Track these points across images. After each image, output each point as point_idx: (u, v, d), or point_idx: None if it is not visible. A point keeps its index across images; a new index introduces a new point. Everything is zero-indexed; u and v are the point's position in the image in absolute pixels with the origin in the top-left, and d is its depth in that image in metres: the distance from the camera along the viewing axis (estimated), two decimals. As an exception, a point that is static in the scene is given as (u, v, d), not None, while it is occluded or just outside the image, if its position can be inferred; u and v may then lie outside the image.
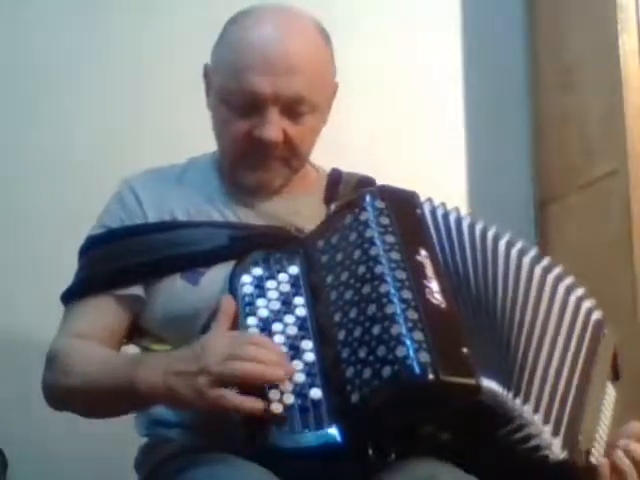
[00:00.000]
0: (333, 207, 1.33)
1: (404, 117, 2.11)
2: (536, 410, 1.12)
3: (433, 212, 1.26)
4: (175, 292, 1.30)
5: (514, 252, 1.28)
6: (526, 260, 1.28)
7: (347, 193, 1.40)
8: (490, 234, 1.28)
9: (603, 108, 1.89)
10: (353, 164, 1.50)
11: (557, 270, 1.29)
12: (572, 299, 1.28)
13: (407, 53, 2.14)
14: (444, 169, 2.11)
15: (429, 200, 1.27)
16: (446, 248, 1.21)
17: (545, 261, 1.29)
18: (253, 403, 1.10)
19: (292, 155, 1.35)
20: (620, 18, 1.82)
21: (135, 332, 1.37)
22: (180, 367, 1.14)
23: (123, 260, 1.35)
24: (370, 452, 1.09)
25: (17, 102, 1.98)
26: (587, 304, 1.28)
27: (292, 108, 1.31)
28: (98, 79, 2.00)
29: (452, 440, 1.12)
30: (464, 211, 1.30)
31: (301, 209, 1.38)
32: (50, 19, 2.01)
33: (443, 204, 1.28)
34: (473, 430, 1.11)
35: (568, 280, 1.29)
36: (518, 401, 1.11)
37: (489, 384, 1.07)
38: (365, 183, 1.44)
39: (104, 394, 1.23)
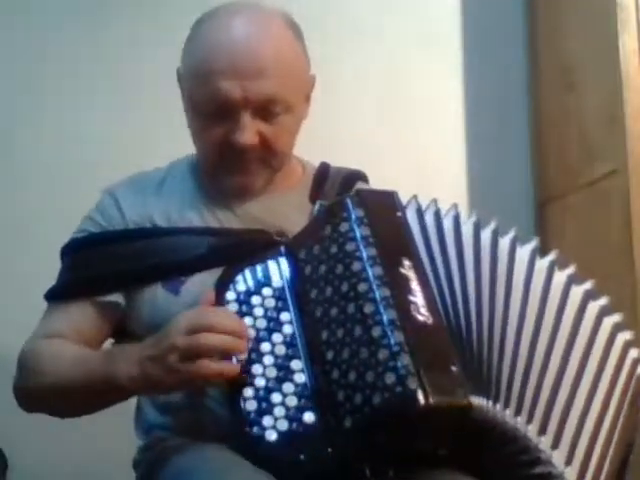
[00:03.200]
0: (316, 207, 1.30)
1: (404, 117, 2.11)
2: (555, 447, 1.12)
3: (419, 212, 1.21)
4: (157, 302, 1.30)
5: (542, 264, 1.22)
6: (561, 278, 1.22)
7: (333, 192, 1.38)
8: (506, 240, 1.23)
9: (603, 108, 1.89)
10: (353, 165, 1.50)
11: (603, 301, 1.23)
12: (619, 341, 1.22)
13: (407, 54, 2.14)
14: (444, 169, 2.11)
15: (414, 199, 1.23)
16: (434, 250, 1.18)
17: (587, 285, 1.23)
18: (225, 368, 1.12)
19: (270, 156, 1.33)
20: (620, 18, 1.82)
21: (125, 336, 1.36)
22: (150, 352, 1.15)
23: (102, 267, 1.34)
24: (367, 473, 1.08)
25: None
26: (634, 353, 1.22)
27: (265, 110, 1.28)
28: (97, 81, 2.01)
29: (449, 455, 1.11)
30: (464, 211, 1.27)
31: (284, 209, 1.37)
32: (46, 20, 2.01)
33: (434, 202, 1.24)
34: (470, 444, 1.11)
35: (616, 317, 1.23)
36: (508, 412, 1.09)
37: (479, 401, 1.06)
38: (352, 179, 1.42)
39: (80, 392, 1.23)
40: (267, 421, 1.11)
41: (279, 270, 1.22)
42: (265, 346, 1.16)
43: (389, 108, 2.11)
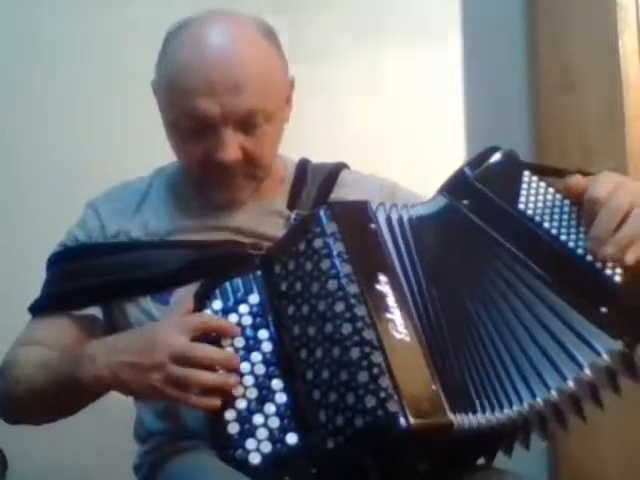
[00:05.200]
0: (292, 217, 1.31)
1: (403, 117, 2.11)
2: None
3: (389, 219, 1.19)
4: (148, 313, 1.29)
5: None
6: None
7: (311, 195, 1.37)
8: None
9: (603, 108, 1.89)
10: (353, 165, 1.50)
11: None
12: None
13: (407, 53, 2.15)
14: (444, 169, 2.10)
15: (382, 205, 1.21)
16: (405, 259, 1.16)
17: None
18: (207, 403, 1.11)
19: (255, 168, 1.31)
20: (620, 18, 1.82)
21: None
22: (129, 359, 1.13)
23: (78, 281, 1.33)
24: None
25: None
26: None
27: (245, 123, 1.25)
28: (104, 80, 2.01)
29: (431, 468, 1.10)
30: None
31: (269, 217, 1.35)
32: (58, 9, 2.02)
33: (395, 205, 1.21)
34: (453, 456, 1.11)
35: None
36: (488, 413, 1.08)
37: (460, 417, 1.05)
38: (332, 175, 1.41)
39: (48, 397, 1.22)
40: (250, 444, 1.11)
41: (255, 285, 1.20)
42: (245, 366, 1.15)
43: (389, 108, 2.11)
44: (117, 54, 2.02)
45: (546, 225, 1.15)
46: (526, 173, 1.20)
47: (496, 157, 1.24)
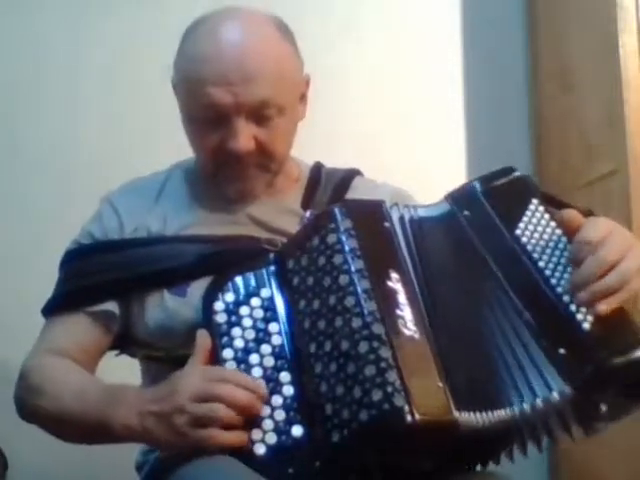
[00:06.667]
0: (306, 216, 1.32)
1: (403, 117, 2.11)
2: None
3: (402, 219, 1.21)
4: (165, 306, 1.30)
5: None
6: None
7: (325, 197, 1.39)
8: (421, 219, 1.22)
9: (603, 108, 1.89)
10: (352, 165, 1.50)
11: None
12: None
13: (407, 52, 2.15)
14: (444, 169, 2.11)
15: (396, 205, 1.23)
16: (416, 258, 1.18)
17: None
18: (234, 440, 1.11)
19: (268, 160, 1.33)
20: (620, 18, 1.82)
21: (130, 343, 1.37)
22: (154, 408, 1.14)
23: (94, 277, 1.34)
24: None
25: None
26: None
27: (257, 114, 1.28)
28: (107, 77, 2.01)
29: (435, 467, 1.11)
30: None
31: (283, 214, 1.37)
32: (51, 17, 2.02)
33: (407, 206, 1.24)
34: (457, 456, 1.11)
35: None
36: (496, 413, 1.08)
37: (467, 416, 1.05)
38: (346, 180, 1.42)
39: (76, 426, 1.24)
40: (255, 434, 1.11)
41: (268, 280, 1.22)
42: (254, 358, 1.16)
43: (389, 109, 2.11)
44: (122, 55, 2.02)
45: (535, 256, 1.14)
46: (534, 201, 1.20)
47: (510, 178, 1.24)
